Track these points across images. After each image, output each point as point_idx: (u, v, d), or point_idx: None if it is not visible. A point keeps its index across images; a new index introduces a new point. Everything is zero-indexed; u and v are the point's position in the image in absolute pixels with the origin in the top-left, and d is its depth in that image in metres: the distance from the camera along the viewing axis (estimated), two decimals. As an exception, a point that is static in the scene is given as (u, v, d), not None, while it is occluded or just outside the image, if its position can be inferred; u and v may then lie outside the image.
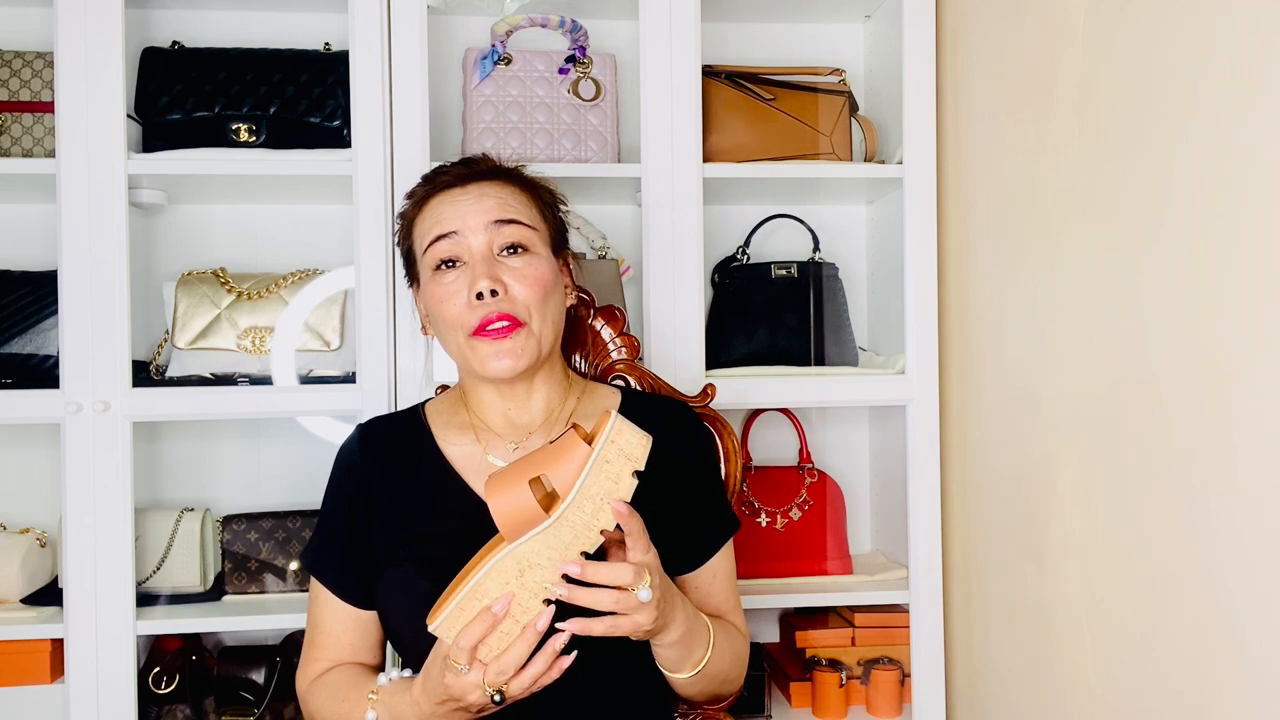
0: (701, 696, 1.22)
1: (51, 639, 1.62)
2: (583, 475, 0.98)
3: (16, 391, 1.59)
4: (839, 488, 1.88)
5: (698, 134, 1.67)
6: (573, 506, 0.98)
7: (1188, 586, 1.15)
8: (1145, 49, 1.21)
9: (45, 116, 1.64)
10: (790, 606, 1.88)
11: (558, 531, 0.99)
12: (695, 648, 1.12)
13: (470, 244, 1.17)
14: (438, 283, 1.18)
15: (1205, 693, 1.13)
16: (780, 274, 1.82)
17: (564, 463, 0.99)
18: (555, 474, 1.00)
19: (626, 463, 0.99)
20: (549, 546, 0.99)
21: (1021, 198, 1.50)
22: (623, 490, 0.99)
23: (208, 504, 1.83)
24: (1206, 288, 1.11)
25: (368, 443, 1.26)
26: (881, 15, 1.89)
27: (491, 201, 1.19)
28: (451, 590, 1.04)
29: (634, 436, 1.00)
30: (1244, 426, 1.06)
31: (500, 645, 1.00)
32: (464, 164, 1.25)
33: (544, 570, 0.99)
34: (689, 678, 1.14)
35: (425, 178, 1.25)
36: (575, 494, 0.98)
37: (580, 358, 1.43)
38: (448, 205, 1.20)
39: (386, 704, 1.10)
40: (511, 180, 1.24)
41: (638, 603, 1.00)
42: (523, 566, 0.99)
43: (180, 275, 1.73)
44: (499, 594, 0.99)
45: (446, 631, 1.01)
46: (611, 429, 0.99)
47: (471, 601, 0.99)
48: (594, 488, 0.99)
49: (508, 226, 1.18)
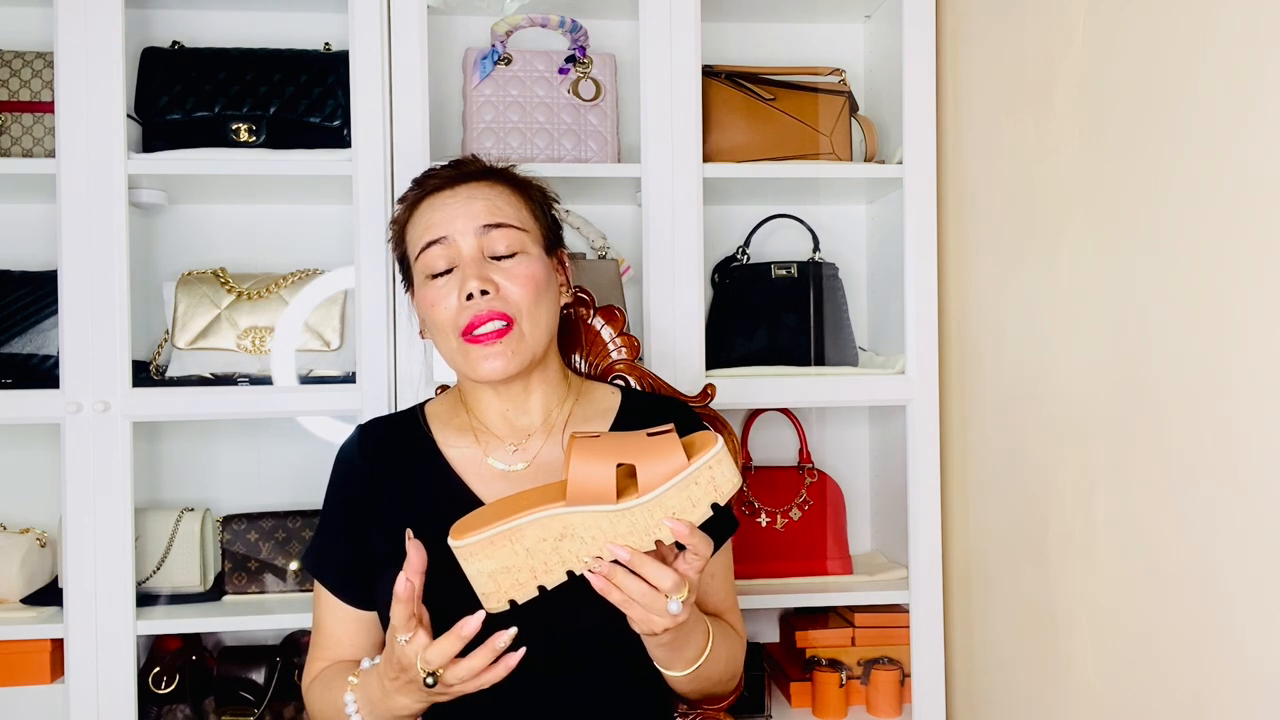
0: (696, 695, 1.22)
1: (51, 639, 1.62)
2: (669, 484, 0.97)
3: (16, 391, 1.59)
4: (839, 488, 1.88)
5: (698, 134, 1.67)
6: (644, 507, 0.98)
7: (1188, 586, 1.15)
8: (1145, 49, 1.21)
9: (45, 116, 1.64)
10: (790, 606, 1.88)
11: (616, 520, 0.98)
12: (688, 649, 1.12)
13: (460, 247, 1.18)
14: (430, 288, 1.19)
15: (1205, 693, 1.13)
16: (780, 274, 1.82)
17: (657, 461, 0.98)
18: (646, 467, 0.98)
19: (712, 492, 0.99)
20: (600, 528, 0.98)
21: (1021, 197, 1.50)
22: (696, 515, 0.99)
23: (208, 504, 1.83)
24: (1207, 287, 1.11)
25: (367, 444, 1.26)
26: (881, 15, 1.89)
27: (480, 205, 1.19)
28: (487, 516, 1.02)
29: (729, 472, 0.99)
30: (1244, 426, 1.06)
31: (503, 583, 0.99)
32: (452, 166, 1.25)
33: (584, 545, 0.98)
34: (682, 676, 1.14)
35: (415, 181, 1.25)
36: (653, 497, 0.97)
37: (580, 358, 1.43)
38: (437, 210, 1.20)
39: (363, 686, 1.11)
40: (501, 180, 1.24)
41: (664, 609, 1.00)
42: (566, 532, 0.98)
43: (180, 275, 1.73)
44: (532, 545, 0.98)
45: (467, 555, 0.99)
46: (713, 456, 0.98)
47: (505, 541, 0.98)
48: (672, 500, 0.98)
49: (496, 231, 1.18)
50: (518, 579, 0.99)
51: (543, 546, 0.99)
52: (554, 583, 1.00)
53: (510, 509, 1.02)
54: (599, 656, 1.16)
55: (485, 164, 1.25)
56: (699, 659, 1.13)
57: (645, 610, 1.00)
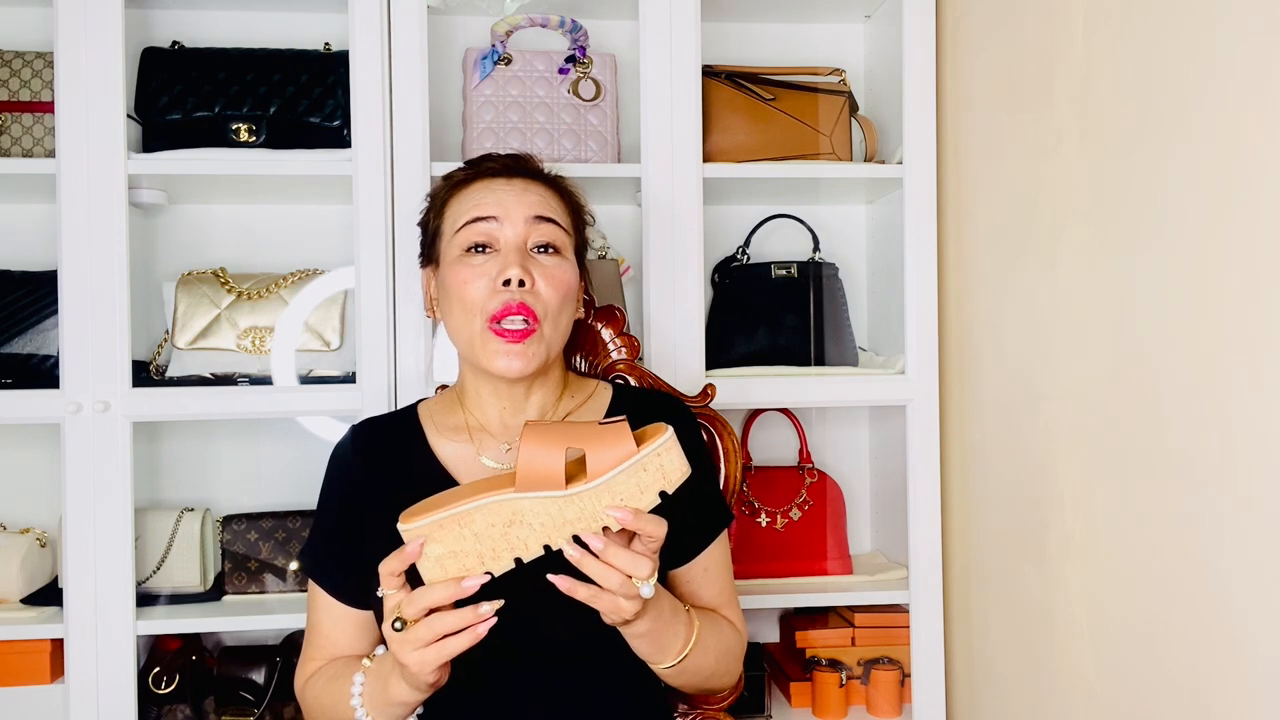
0: (692, 689, 1.22)
1: (51, 639, 1.62)
2: (616, 469, 0.98)
3: (16, 391, 1.59)
4: (839, 488, 1.88)
5: (698, 134, 1.67)
6: (592, 492, 0.98)
7: (1188, 586, 1.15)
8: (1145, 49, 1.21)
9: (45, 116, 1.64)
10: (790, 606, 1.88)
11: (564, 506, 0.98)
12: (670, 639, 1.11)
13: (506, 233, 1.19)
14: (465, 264, 1.19)
15: (1205, 693, 1.13)
16: (780, 274, 1.82)
17: (607, 448, 0.99)
18: (596, 453, 0.99)
19: (660, 480, 0.99)
20: (549, 514, 0.99)
21: (1021, 197, 1.50)
22: (644, 502, 0.99)
23: (208, 504, 1.83)
24: (1206, 287, 1.11)
25: (360, 444, 1.26)
26: (881, 15, 1.89)
27: (534, 198, 1.22)
28: (438, 502, 1.02)
29: (678, 460, 1.00)
30: (1244, 426, 1.06)
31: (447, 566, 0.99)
32: (510, 157, 1.27)
33: (532, 531, 0.99)
34: (670, 669, 1.13)
35: (470, 162, 1.28)
36: (601, 483, 0.98)
37: (580, 358, 1.43)
38: (490, 192, 1.21)
39: (376, 670, 1.10)
40: (553, 186, 1.27)
41: (635, 593, 1.00)
42: (515, 519, 0.98)
43: (180, 275, 1.73)
44: (480, 530, 0.98)
45: (413, 537, 0.99)
46: (662, 444, 0.99)
47: (453, 525, 0.98)
48: (620, 487, 0.98)
49: (545, 224, 1.20)
50: (465, 564, 0.99)
51: (491, 532, 0.99)
52: (501, 569, 1.00)
53: (461, 495, 1.02)
54: (598, 654, 1.16)
55: (540, 165, 1.28)
56: (685, 650, 1.12)
57: (613, 599, 1.00)
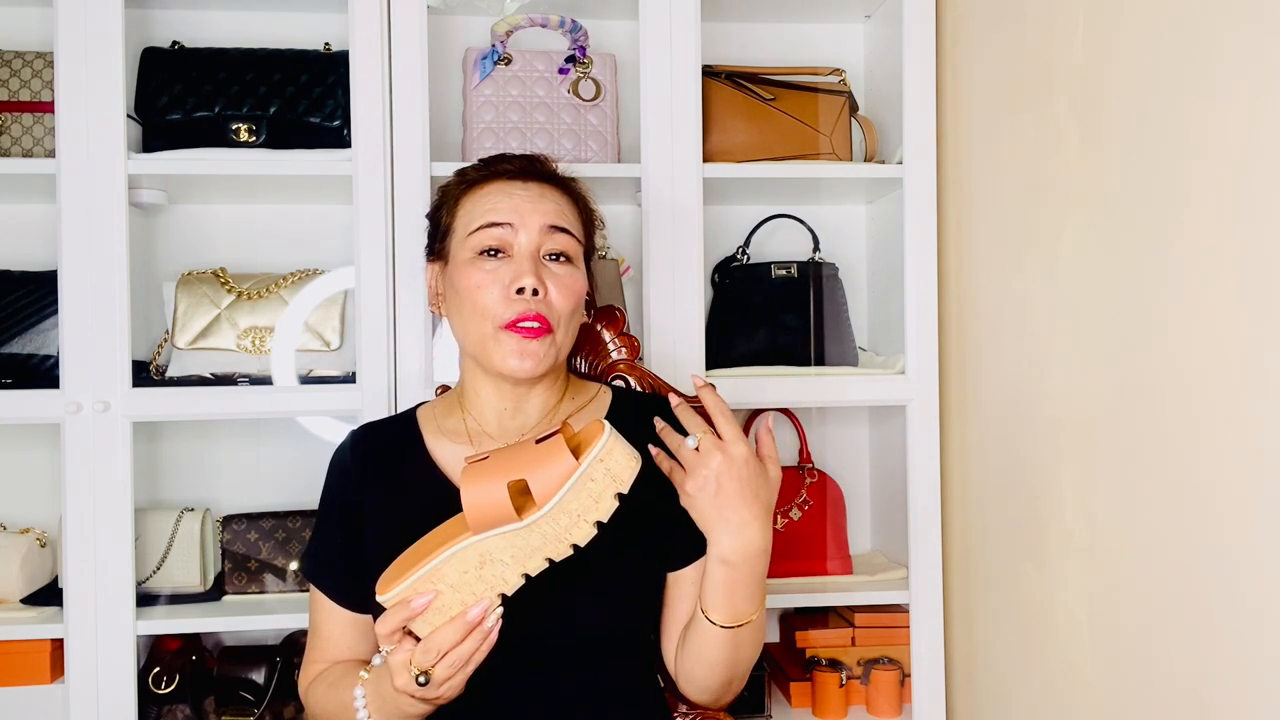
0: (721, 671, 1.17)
1: (51, 639, 1.62)
2: (563, 489, 0.97)
3: (16, 391, 1.59)
4: (839, 488, 1.88)
5: (698, 134, 1.67)
6: (547, 517, 0.97)
7: (1188, 586, 1.15)
8: (1145, 49, 1.21)
9: (45, 116, 1.64)
10: (790, 606, 1.88)
11: (527, 536, 0.98)
12: (744, 594, 1.12)
13: (520, 240, 1.18)
14: (478, 268, 1.18)
15: (1205, 693, 1.13)
16: (780, 274, 1.82)
17: (546, 469, 0.97)
18: (537, 478, 0.98)
19: (611, 483, 0.98)
20: (515, 546, 0.98)
21: (1021, 197, 1.50)
22: (602, 510, 0.98)
23: (208, 504, 1.83)
24: (1206, 287, 1.11)
25: (359, 448, 1.27)
26: (881, 15, 1.89)
27: (550, 205, 1.21)
28: (406, 563, 1.02)
29: (624, 458, 0.98)
30: (1244, 426, 1.06)
31: (435, 622, 0.99)
32: (525, 159, 1.26)
33: (506, 566, 0.98)
34: (725, 630, 1.12)
35: (484, 162, 1.26)
36: (551, 507, 0.97)
37: (580, 358, 1.43)
38: (505, 196, 1.20)
39: (374, 682, 1.10)
40: (568, 190, 1.26)
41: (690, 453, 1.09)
42: (484, 559, 0.98)
43: (180, 275, 1.73)
44: (456, 581, 0.98)
45: (393, 603, 1.00)
46: (602, 448, 0.97)
47: (426, 584, 0.98)
48: (573, 504, 0.97)
49: (559, 234, 1.20)
50: (452, 613, 0.99)
51: (466, 579, 0.98)
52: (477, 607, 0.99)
53: (425, 551, 1.02)
54: (600, 654, 1.16)
55: (555, 169, 1.27)
56: (750, 616, 1.13)
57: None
